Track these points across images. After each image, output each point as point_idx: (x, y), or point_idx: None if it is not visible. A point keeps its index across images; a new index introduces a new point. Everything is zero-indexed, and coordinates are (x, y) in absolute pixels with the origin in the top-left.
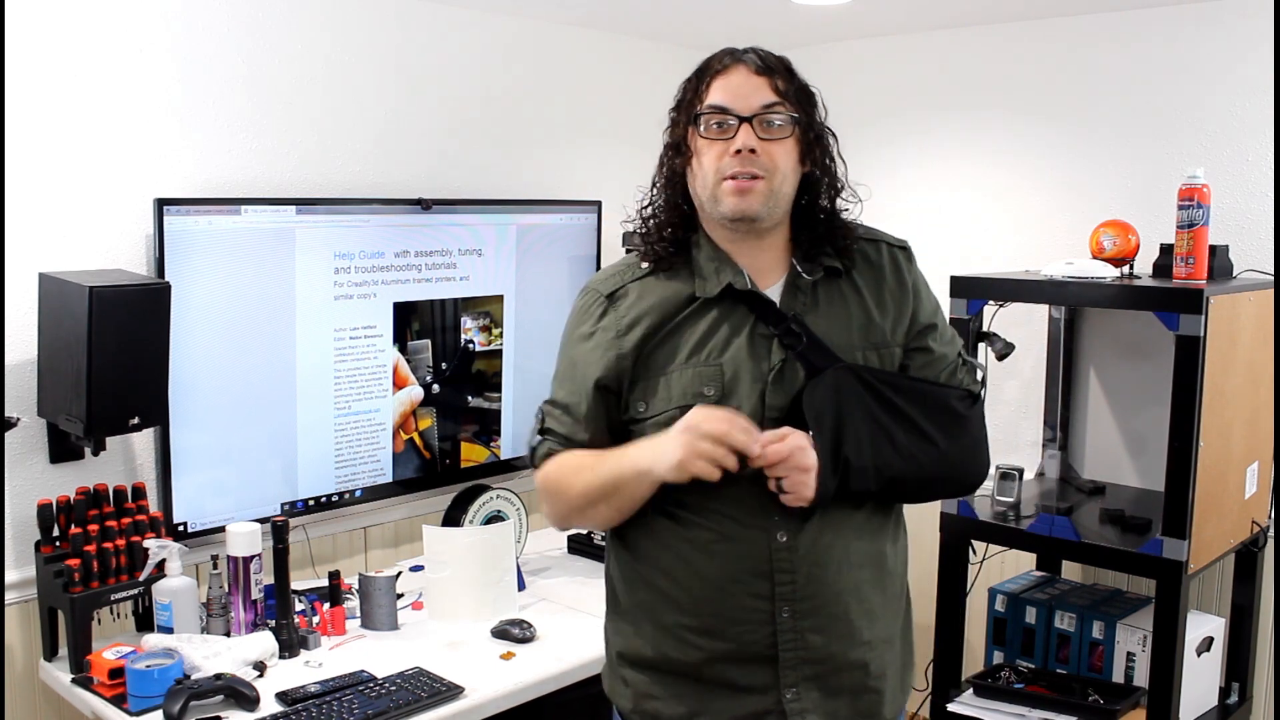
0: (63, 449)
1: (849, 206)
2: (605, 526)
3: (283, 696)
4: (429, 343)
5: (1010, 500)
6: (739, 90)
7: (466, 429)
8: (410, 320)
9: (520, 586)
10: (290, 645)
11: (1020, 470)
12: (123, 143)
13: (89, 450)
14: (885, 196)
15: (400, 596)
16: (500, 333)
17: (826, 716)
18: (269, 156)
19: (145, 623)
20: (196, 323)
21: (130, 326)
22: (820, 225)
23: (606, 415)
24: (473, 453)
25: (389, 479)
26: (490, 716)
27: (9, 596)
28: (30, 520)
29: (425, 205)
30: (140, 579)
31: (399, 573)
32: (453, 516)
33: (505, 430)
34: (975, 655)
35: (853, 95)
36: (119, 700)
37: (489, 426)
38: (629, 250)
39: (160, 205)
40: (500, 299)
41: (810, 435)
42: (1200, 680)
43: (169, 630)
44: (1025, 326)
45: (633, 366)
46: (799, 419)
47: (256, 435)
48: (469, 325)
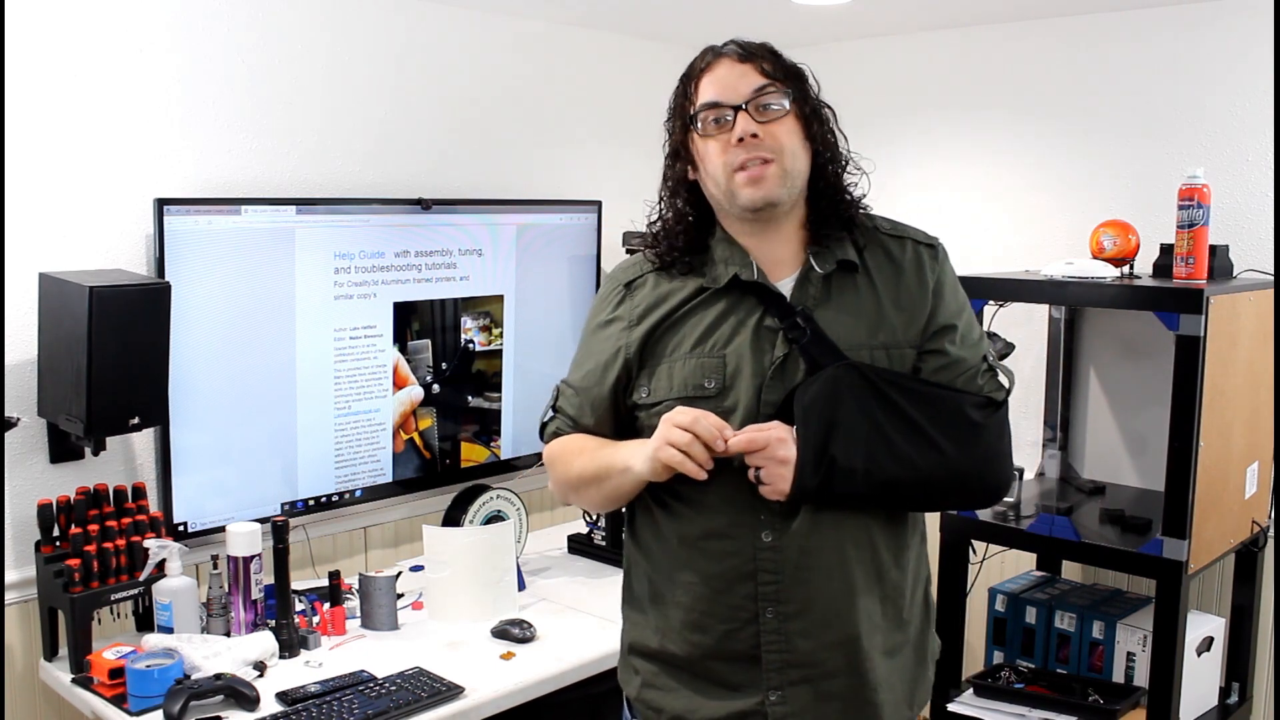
0: (63, 449)
1: (855, 180)
2: (598, 510)
3: (283, 696)
4: (429, 343)
5: (1010, 500)
6: (726, 81)
7: (466, 429)
8: (410, 320)
9: (520, 586)
10: (290, 645)
11: (1020, 470)
12: (123, 142)
13: (89, 450)
14: (885, 196)
15: (400, 596)
16: (500, 333)
17: None
18: (269, 156)
19: (145, 623)
20: (196, 323)
21: (130, 326)
22: (831, 206)
23: (614, 402)
24: (473, 453)
25: (389, 479)
26: (490, 716)
27: (9, 596)
28: (30, 520)
29: (425, 205)
30: (140, 579)
31: (399, 573)
32: (453, 516)
33: (505, 430)
34: (975, 655)
35: (853, 95)
36: (119, 700)
37: (489, 426)
38: (630, 250)
39: (160, 205)
40: (500, 299)
41: (795, 429)
42: (1200, 680)
43: (169, 630)
44: (1025, 326)
45: (640, 353)
46: (793, 414)
47: (256, 435)
48: (469, 325)
